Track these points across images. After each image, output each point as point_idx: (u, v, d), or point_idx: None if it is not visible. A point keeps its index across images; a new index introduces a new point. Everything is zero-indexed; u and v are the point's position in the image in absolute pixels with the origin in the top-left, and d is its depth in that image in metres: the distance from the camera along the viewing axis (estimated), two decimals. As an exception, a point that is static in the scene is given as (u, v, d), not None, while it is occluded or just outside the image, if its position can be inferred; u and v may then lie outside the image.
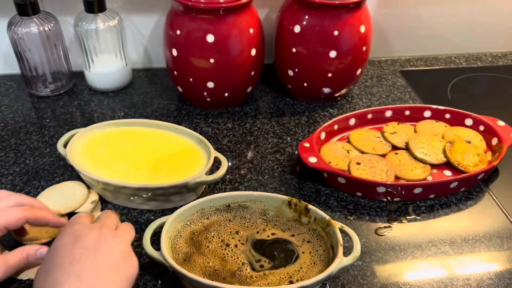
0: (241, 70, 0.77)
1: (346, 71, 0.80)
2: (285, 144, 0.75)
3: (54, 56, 0.82)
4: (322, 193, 0.66)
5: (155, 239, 0.53)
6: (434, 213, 0.64)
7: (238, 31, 0.73)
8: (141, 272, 0.54)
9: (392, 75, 0.96)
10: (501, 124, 0.74)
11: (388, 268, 0.56)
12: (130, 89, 0.88)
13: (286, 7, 0.79)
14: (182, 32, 0.73)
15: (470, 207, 0.65)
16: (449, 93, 0.90)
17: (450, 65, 1.01)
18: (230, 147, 0.74)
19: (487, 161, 0.69)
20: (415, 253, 0.58)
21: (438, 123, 0.77)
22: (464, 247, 0.59)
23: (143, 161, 0.63)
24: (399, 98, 0.88)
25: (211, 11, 0.70)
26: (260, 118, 0.82)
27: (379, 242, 0.59)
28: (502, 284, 0.54)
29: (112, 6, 0.85)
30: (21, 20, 0.77)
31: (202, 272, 0.50)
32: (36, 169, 0.68)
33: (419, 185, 0.63)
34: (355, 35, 0.76)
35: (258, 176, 0.68)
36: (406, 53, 1.03)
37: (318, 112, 0.83)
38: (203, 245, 0.53)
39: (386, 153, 0.71)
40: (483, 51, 1.05)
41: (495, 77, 0.97)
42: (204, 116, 0.81)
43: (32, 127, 0.77)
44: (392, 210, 0.64)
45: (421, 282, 0.54)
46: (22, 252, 0.48)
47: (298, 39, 0.77)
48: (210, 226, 0.56)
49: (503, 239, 0.60)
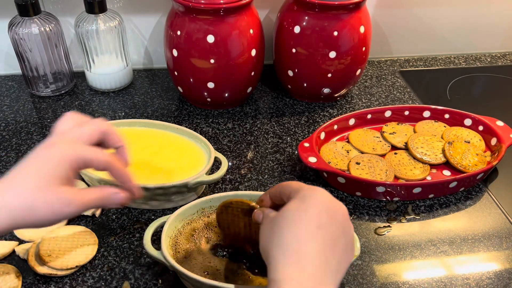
0: (241, 71, 0.77)
1: (345, 72, 0.80)
2: (285, 144, 0.75)
3: (55, 57, 0.82)
4: (322, 193, 0.66)
5: (156, 238, 0.53)
6: (433, 213, 0.64)
7: (238, 31, 0.73)
8: (141, 272, 0.54)
9: (392, 76, 0.96)
10: (500, 124, 0.74)
11: (387, 268, 0.56)
12: (130, 89, 0.89)
13: (286, 8, 0.79)
14: (182, 32, 0.73)
15: (469, 207, 0.65)
16: (448, 93, 0.91)
17: (450, 65, 1.01)
18: (230, 147, 0.74)
19: (486, 161, 0.69)
20: (415, 252, 0.58)
21: (437, 123, 0.77)
22: (463, 247, 0.59)
23: (143, 161, 0.64)
24: (399, 98, 0.88)
25: (211, 11, 0.71)
26: (260, 118, 0.82)
27: (379, 241, 0.59)
28: (501, 283, 0.54)
29: (113, 7, 0.86)
30: (22, 20, 0.77)
31: (204, 271, 0.50)
32: (37, 169, 0.68)
33: (419, 185, 0.64)
34: (355, 35, 0.76)
35: (258, 176, 0.69)
36: (406, 53, 1.03)
37: (318, 112, 0.83)
38: (203, 244, 0.53)
39: (385, 153, 0.71)
40: (482, 51, 1.05)
41: (494, 77, 0.97)
42: (205, 116, 0.81)
43: (33, 127, 0.77)
44: (392, 209, 0.64)
45: (420, 282, 0.54)
46: (101, 192, 0.43)
47: (298, 39, 0.77)
48: (211, 224, 0.56)
49: (502, 238, 0.60)
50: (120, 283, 0.53)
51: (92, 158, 0.42)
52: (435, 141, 0.72)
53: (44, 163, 0.40)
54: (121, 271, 0.54)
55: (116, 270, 0.54)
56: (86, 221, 0.61)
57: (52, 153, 0.40)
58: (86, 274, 0.54)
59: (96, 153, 0.42)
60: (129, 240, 0.58)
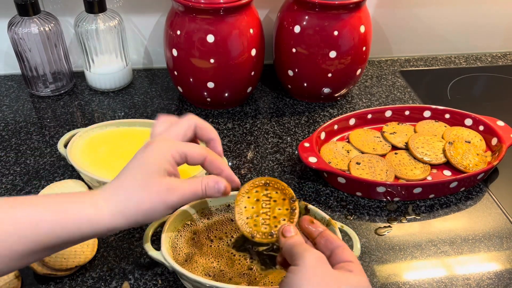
0: (241, 70, 0.77)
1: (346, 71, 0.80)
2: (285, 144, 0.75)
3: (55, 56, 0.82)
4: (322, 193, 0.66)
5: (156, 238, 0.53)
6: (433, 213, 0.64)
7: (238, 31, 0.73)
8: (141, 272, 0.54)
9: (392, 75, 0.96)
10: (500, 124, 0.74)
11: (387, 268, 0.56)
12: (130, 89, 0.88)
13: (286, 8, 0.79)
14: (182, 32, 0.73)
15: (470, 207, 0.65)
16: (448, 93, 0.90)
17: (450, 65, 1.01)
18: (230, 147, 0.74)
19: (487, 161, 0.69)
20: (415, 253, 0.58)
21: (437, 123, 0.77)
22: (464, 247, 0.59)
23: (143, 161, 0.64)
24: (399, 98, 0.88)
25: (211, 11, 0.71)
26: (260, 118, 0.82)
27: (379, 242, 0.59)
28: (502, 283, 0.54)
29: (113, 6, 0.85)
30: (22, 20, 0.77)
31: (205, 273, 0.50)
32: (37, 169, 0.68)
33: (419, 185, 0.64)
34: (355, 35, 0.76)
35: (258, 176, 0.69)
36: (406, 53, 1.03)
37: (318, 112, 0.83)
38: (206, 246, 0.53)
39: (386, 153, 0.71)
40: (483, 51, 1.05)
41: (494, 77, 0.97)
42: (205, 116, 0.81)
43: (33, 127, 0.77)
44: (392, 210, 0.64)
45: (420, 282, 0.54)
46: (202, 183, 0.44)
47: (298, 39, 0.77)
48: (212, 225, 0.56)
49: (503, 238, 0.60)
50: (119, 283, 0.53)
51: (189, 152, 0.44)
52: (435, 141, 0.72)
53: (145, 161, 0.42)
54: (121, 271, 0.54)
55: (115, 270, 0.54)
56: (86, 221, 0.60)
57: (152, 151, 0.43)
58: (86, 275, 0.54)
59: (193, 147, 0.44)
60: (129, 240, 0.58)
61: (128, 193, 0.41)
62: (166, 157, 0.42)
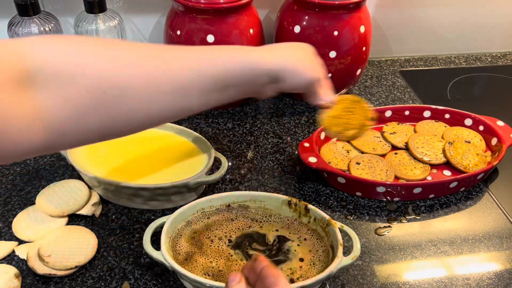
0: (241, 70, 0.77)
1: (346, 71, 0.80)
2: (285, 144, 0.75)
3: (55, 56, 0.82)
4: (322, 193, 0.66)
5: (156, 239, 0.53)
6: (433, 213, 0.64)
7: (238, 31, 0.73)
8: (141, 272, 0.54)
9: (392, 75, 0.96)
10: (500, 124, 0.74)
11: (387, 268, 0.56)
12: (130, 89, 0.88)
13: (286, 8, 0.79)
14: (182, 32, 0.73)
15: (470, 207, 0.65)
16: (448, 93, 0.90)
17: (450, 65, 1.01)
18: (230, 147, 0.74)
19: (487, 161, 0.69)
20: (415, 253, 0.58)
21: (437, 123, 0.77)
22: (464, 247, 0.59)
23: (143, 161, 0.64)
24: (399, 98, 0.88)
25: (211, 11, 0.71)
26: (260, 118, 0.82)
27: (379, 242, 0.59)
28: (502, 283, 0.54)
29: (113, 7, 0.85)
30: (22, 20, 0.77)
31: (205, 272, 0.50)
32: (37, 169, 0.68)
33: (419, 185, 0.64)
34: (355, 35, 0.76)
35: (258, 176, 0.69)
36: (406, 53, 1.03)
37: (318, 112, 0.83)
38: (205, 245, 0.53)
39: (385, 153, 0.71)
40: (483, 51, 1.05)
41: (494, 77, 0.97)
42: (204, 116, 0.81)
43: (33, 127, 0.77)
44: (392, 210, 0.64)
45: (420, 282, 0.54)
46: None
47: (298, 39, 0.77)
48: (212, 225, 0.56)
49: (503, 238, 0.60)
50: (119, 283, 0.53)
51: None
52: (435, 141, 0.72)
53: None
54: (121, 271, 0.54)
55: (115, 270, 0.54)
56: (86, 221, 0.60)
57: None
58: (86, 274, 0.54)
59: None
60: (129, 240, 0.58)
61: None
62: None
